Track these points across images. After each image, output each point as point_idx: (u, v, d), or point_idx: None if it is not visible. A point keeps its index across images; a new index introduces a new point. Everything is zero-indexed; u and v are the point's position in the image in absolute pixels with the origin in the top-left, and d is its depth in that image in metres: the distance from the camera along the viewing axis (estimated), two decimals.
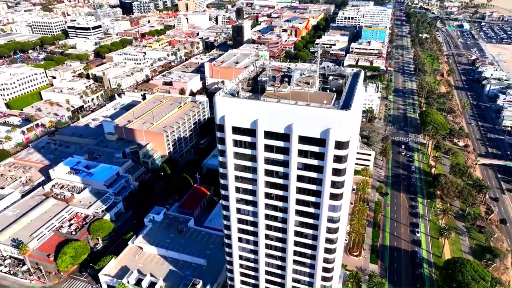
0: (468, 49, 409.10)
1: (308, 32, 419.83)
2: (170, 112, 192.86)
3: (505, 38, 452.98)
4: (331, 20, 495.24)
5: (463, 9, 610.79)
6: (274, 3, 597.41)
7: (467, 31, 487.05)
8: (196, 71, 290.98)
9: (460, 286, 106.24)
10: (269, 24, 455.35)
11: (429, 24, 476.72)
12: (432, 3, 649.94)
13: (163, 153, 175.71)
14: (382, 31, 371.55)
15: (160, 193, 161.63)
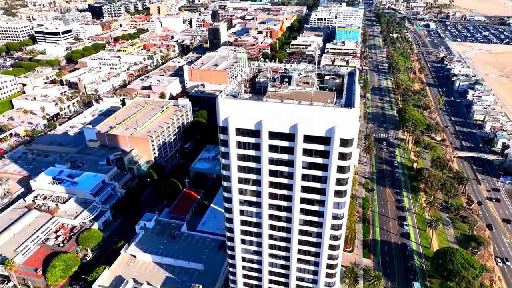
0: (436, 47, 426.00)
1: (283, 34, 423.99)
2: (153, 116, 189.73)
3: (468, 37, 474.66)
4: (304, 22, 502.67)
5: (428, 9, 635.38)
6: (247, 5, 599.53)
7: (434, 30, 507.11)
8: (175, 74, 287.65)
9: (451, 274, 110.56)
10: (243, 26, 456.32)
11: (398, 24, 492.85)
12: (399, 4, 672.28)
13: (149, 159, 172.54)
14: (355, 31, 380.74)
15: (148, 199, 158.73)
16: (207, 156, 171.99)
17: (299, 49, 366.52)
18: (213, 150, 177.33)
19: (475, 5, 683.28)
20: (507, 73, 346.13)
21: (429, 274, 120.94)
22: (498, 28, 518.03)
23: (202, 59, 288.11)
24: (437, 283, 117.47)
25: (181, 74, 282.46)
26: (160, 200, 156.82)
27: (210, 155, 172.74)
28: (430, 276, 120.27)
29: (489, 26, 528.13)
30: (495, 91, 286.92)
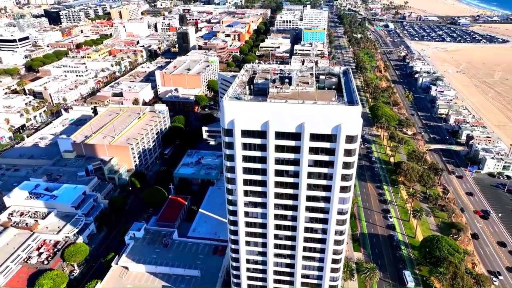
0: (397, 46, 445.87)
1: (251, 36, 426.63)
2: (130, 123, 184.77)
3: (425, 36, 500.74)
4: (270, 24, 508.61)
5: (386, 11, 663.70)
6: (211, 9, 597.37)
7: (393, 30, 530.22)
8: (146, 80, 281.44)
9: (438, 260, 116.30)
10: (210, 29, 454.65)
11: (360, 25, 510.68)
12: (358, 6, 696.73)
13: (129, 167, 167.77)
14: (321, 33, 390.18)
15: (132, 208, 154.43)
16: (189, 161, 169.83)
17: (268, 51, 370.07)
18: (195, 155, 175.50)
19: (427, 6, 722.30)
20: (463, 69, 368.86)
21: (417, 262, 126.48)
22: (450, 27, 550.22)
23: (174, 64, 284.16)
24: (425, 270, 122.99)
25: (152, 79, 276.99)
26: (145, 208, 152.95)
27: (192, 160, 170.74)
28: (418, 264, 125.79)
29: (442, 26, 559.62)
30: (454, 86, 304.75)
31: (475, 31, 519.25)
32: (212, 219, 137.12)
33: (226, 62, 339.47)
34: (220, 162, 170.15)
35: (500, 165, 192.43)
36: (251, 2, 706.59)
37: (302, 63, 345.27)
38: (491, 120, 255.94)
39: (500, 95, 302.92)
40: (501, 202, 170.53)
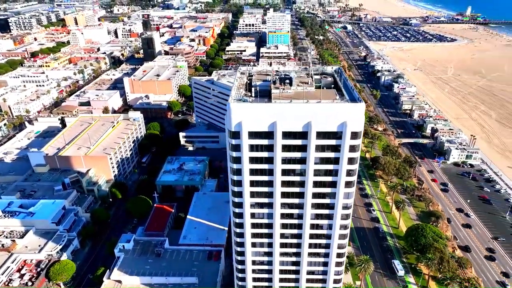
0: (356, 47, 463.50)
1: (215, 40, 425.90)
2: (105, 133, 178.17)
3: (381, 36, 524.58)
4: (233, 28, 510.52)
5: (342, 13, 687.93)
6: (171, 13, 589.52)
7: (351, 31, 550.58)
8: (113, 87, 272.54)
9: (424, 247, 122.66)
10: (173, 35, 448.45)
11: (320, 27, 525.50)
12: (316, 8, 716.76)
13: (108, 178, 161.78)
14: (285, 35, 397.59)
15: (115, 220, 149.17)
16: (171, 168, 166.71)
17: (235, 55, 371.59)
18: (176, 161, 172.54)
19: (380, 8, 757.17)
20: (420, 66, 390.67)
21: (404, 251, 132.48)
22: (403, 27, 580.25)
23: (141, 70, 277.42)
24: (412, 258, 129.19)
25: (120, 86, 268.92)
26: (129, 219, 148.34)
27: (174, 167, 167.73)
28: (405, 253, 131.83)
29: (396, 26, 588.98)
30: (414, 83, 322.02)
31: (426, 31, 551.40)
32: (202, 224, 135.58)
33: (194, 66, 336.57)
34: (203, 167, 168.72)
35: (464, 155, 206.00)
36: (211, 7, 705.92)
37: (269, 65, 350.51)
38: (449, 113, 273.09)
39: (455, 90, 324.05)
40: (467, 189, 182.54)
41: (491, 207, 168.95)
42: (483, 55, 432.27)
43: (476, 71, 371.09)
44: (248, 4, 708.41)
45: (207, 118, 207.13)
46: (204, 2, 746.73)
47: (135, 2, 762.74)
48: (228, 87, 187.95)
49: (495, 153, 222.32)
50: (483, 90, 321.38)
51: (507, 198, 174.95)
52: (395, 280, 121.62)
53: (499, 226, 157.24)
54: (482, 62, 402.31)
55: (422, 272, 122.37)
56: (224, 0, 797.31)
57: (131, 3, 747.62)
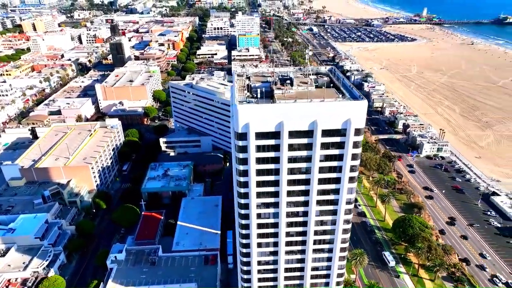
0: (324, 48, 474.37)
1: (185, 44, 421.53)
2: (83, 142, 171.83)
3: (346, 37, 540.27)
4: (201, 31, 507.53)
5: (307, 15, 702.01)
6: (136, 18, 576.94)
7: (317, 33, 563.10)
8: (83, 95, 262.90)
9: (412, 237, 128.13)
10: (140, 39, 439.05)
11: (287, 29, 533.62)
12: (281, 11, 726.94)
13: (90, 188, 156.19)
14: (256, 38, 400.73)
15: (101, 231, 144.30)
16: (156, 175, 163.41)
17: (206, 58, 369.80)
18: (160, 168, 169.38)
19: (342, 10, 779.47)
20: (385, 66, 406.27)
21: (392, 243, 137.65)
22: (366, 28, 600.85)
23: (113, 76, 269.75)
24: (400, 249, 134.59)
25: (90, 94, 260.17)
26: (116, 229, 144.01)
27: (159, 173, 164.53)
28: (393, 244, 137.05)
29: (359, 27, 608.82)
30: (381, 82, 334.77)
31: (388, 32, 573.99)
32: (193, 230, 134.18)
33: (166, 71, 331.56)
34: (189, 171, 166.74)
35: (435, 148, 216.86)
36: (176, 10, 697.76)
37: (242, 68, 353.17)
38: (417, 109, 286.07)
39: (420, 87, 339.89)
40: (441, 180, 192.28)
41: (464, 196, 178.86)
42: (441, 53, 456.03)
43: (437, 69, 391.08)
44: (214, 7, 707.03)
45: (186, 123, 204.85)
46: (169, 6, 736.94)
47: (96, 7, 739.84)
48: (208, 90, 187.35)
49: (462, 145, 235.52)
50: (445, 87, 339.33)
51: (477, 187, 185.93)
52: (387, 271, 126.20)
53: (473, 213, 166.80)
54: (441, 60, 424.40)
55: (412, 261, 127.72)
56: (188, 4, 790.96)
57: (92, 8, 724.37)
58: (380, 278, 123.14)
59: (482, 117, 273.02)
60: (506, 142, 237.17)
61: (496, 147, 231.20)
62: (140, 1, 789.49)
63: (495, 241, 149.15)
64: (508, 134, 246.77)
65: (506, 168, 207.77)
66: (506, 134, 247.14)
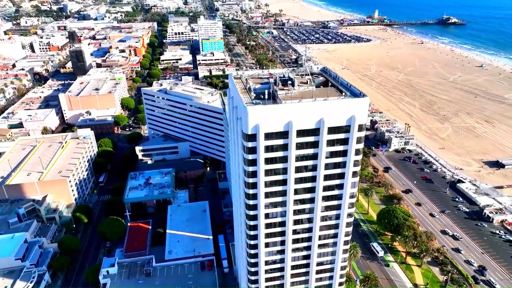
0: (285, 50, 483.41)
1: (147, 50, 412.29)
2: (55, 154, 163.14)
3: (306, 39, 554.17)
4: (161, 37, 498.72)
5: (266, 18, 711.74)
6: (91, 24, 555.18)
7: (278, 36, 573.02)
8: (44, 106, 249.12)
9: (397, 227, 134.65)
10: (98, 46, 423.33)
11: (248, 33, 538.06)
12: (240, 15, 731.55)
13: (68, 202, 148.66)
14: (219, 42, 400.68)
15: (85, 246, 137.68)
16: (137, 184, 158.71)
17: (171, 64, 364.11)
18: (140, 177, 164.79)
19: (298, 13, 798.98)
20: (346, 65, 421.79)
21: (378, 234, 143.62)
22: (323, 30, 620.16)
23: (76, 85, 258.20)
24: (386, 239, 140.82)
25: (53, 104, 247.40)
26: (100, 243, 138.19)
27: (140, 182, 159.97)
28: (379, 235, 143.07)
29: (317, 30, 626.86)
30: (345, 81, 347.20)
31: (344, 33, 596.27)
32: (184, 237, 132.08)
33: (131, 78, 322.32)
34: (171, 178, 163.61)
35: (402, 142, 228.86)
36: (132, 16, 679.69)
37: (210, 73, 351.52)
38: (381, 106, 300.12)
39: (381, 85, 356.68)
40: (411, 172, 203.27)
41: (433, 185, 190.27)
42: (396, 52, 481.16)
43: (394, 67, 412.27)
44: (171, 12, 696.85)
45: (162, 129, 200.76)
46: (124, 11, 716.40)
47: (44, 13, 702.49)
48: (184, 95, 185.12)
49: (425, 137, 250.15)
50: (404, 84, 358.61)
51: (443, 176, 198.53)
52: (377, 261, 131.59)
53: (443, 200, 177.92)
54: (396, 59, 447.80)
55: (398, 250, 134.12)
56: (144, 9, 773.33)
57: (39, 15, 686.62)
58: (371, 268, 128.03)
59: (440, 111, 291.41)
60: (463, 133, 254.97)
61: (455, 138, 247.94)
62: (92, 7, 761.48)
63: (465, 225, 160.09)
64: (464, 125, 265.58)
65: (466, 157, 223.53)
66: (462, 125, 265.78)
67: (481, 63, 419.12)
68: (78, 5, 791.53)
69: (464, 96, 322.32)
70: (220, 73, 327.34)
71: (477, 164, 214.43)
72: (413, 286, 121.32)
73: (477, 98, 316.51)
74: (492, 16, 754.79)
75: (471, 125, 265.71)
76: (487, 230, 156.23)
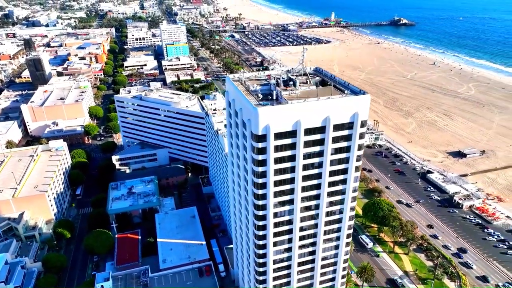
0: (249, 53, 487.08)
1: (108, 57, 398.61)
2: (27, 169, 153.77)
3: (268, 42, 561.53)
4: (121, 43, 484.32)
5: (226, 22, 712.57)
6: (44, 31, 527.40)
7: (240, 39, 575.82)
8: (4, 118, 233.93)
9: (383, 218, 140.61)
10: (54, 54, 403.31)
11: (210, 37, 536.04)
12: (199, 19, 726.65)
13: (48, 218, 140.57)
14: (184, 47, 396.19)
15: (70, 263, 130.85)
16: (120, 194, 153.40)
17: (136, 70, 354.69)
18: (122, 186, 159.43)
19: (257, 17, 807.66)
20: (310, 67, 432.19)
21: (364, 226, 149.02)
22: (284, 33, 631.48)
23: (39, 95, 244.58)
24: (373, 231, 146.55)
25: (13, 116, 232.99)
26: (87, 258, 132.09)
27: (123, 192, 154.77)
28: (365, 227, 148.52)
29: (277, 32, 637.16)
30: None
31: (304, 35, 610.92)
32: (177, 244, 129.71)
33: (95, 86, 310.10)
34: (155, 186, 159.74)
35: (373, 137, 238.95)
36: (86, 22, 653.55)
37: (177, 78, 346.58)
38: None
39: None
40: (384, 166, 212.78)
41: (405, 177, 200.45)
42: (355, 53, 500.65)
43: (355, 67, 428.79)
44: (129, 17, 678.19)
45: (138, 137, 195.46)
46: (77, 17, 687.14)
47: None
48: (161, 101, 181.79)
49: (393, 132, 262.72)
50: (366, 82, 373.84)
51: (414, 168, 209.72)
52: (367, 253, 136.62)
53: (416, 191, 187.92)
54: (356, 59, 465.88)
55: (385, 240, 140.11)
56: (99, 15, 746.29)
57: None
58: (363, 260, 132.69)
59: (403, 107, 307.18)
60: (426, 127, 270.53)
61: (420, 132, 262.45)
62: (42, 13, 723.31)
63: (439, 212, 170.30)
64: (426, 119, 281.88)
65: (431, 149, 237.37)
66: (424, 120, 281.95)
67: (434, 61, 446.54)
68: (25, 11, 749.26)
69: (422, 92, 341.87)
70: (189, 78, 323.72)
71: (442, 155, 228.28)
72: (404, 273, 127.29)
73: (434, 94, 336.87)
74: (436, 17, 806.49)
75: (432, 119, 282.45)
76: (459, 215, 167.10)
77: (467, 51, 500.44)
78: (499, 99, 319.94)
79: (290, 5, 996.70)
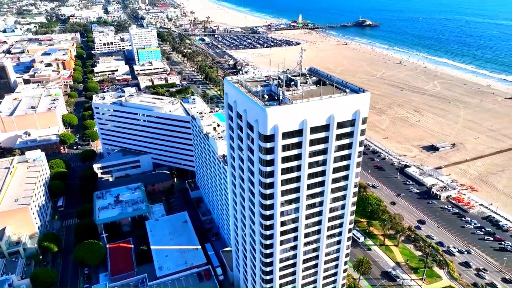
0: (221, 56, 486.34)
1: (76, 63, 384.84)
2: (5, 181, 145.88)
3: (239, 45, 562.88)
4: (88, 48, 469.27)
5: (194, 26, 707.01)
6: (1, 37, 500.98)
7: (210, 43, 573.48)
8: None
9: (372, 212, 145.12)
10: (17, 61, 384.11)
11: (181, 41, 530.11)
12: (167, 23, 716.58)
13: (31, 232, 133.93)
14: (156, 51, 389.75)
15: (60, 276, 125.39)
16: (107, 203, 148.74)
17: (107, 76, 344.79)
18: (108, 195, 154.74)
19: (225, 20, 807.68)
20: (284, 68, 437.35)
21: (354, 221, 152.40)
22: (253, 36, 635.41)
23: (7, 104, 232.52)
24: (363, 225, 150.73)
25: None
26: (76, 271, 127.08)
27: (110, 201, 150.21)
28: (355, 222, 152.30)
29: (247, 35, 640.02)
30: None
31: (274, 38, 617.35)
32: (172, 251, 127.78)
33: (65, 93, 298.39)
34: (142, 193, 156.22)
35: None
36: (47, 27, 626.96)
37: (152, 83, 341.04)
38: None
39: None
40: (363, 162, 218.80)
41: (385, 172, 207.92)
42: (325, 54, 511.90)
43: (326, 68, 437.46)
44: (93, 22, 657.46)
45: (118, 144, 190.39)
46: (37, 22, 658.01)
47: None
48: (143, 106, 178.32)
49: (368, 129, 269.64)
50: None
51: (392, 163, 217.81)
52: (359, 247, 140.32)
53: (396, 185, 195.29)
54: (326, 60, 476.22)
55: (375, 234, 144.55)
56: (61, 20, 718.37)
57: None
58: (356, 254, 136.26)
59: (375, 105, 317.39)
60: (399, 123, 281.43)
61: (394, 128, 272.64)
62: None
63: (419, 204, 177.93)
64: (398, 116, 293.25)
65: (406, 144, 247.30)
66: (397, 116, 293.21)
67: (400, 60, 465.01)
68: None
69: (392, 90, 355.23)
70: (163, 82, 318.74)
71: (416, 149, 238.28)
72: (396, 264, 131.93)
73: (403, 91, 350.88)
74: (397, 18, 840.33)
75: (404, 115, 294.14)
76: (437, 206, 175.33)
77: (428, 50, 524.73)
78: (462, 95, 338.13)
79: (257, 8, 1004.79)
